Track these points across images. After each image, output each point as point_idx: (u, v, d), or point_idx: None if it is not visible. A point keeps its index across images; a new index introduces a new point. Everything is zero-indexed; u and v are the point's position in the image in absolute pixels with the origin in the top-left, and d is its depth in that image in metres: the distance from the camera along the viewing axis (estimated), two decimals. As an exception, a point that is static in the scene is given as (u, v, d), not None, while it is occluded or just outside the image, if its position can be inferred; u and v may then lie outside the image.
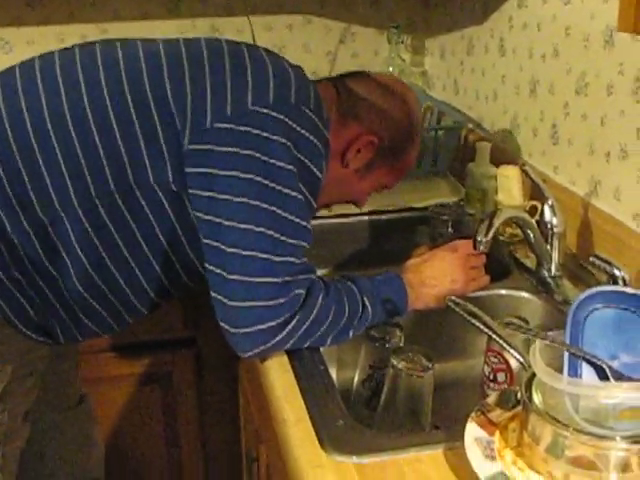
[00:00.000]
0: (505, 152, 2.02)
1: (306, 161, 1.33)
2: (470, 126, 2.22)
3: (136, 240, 1.36)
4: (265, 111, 1.31)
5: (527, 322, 1.38)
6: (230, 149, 1.29)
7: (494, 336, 1.20)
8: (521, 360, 1.13)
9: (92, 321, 1.44)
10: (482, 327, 1.21)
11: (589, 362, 1.02)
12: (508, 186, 1.78)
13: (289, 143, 1.30)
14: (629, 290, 1.04)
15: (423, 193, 2.08)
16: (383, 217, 2.01)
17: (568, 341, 1.03)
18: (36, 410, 1.56)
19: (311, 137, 1.34)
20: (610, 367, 1.01)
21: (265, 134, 1.29)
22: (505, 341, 1.18)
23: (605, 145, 1.63)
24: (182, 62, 1.36)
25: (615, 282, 1.41)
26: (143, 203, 1.33)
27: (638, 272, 1.48)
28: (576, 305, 1.04)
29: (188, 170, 1.31)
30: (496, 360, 1.37)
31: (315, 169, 1.35)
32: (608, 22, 1.58)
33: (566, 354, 1.02)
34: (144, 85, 1.33)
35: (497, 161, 1.91)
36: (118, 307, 1.43)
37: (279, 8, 2.47)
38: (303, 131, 1.33)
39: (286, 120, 1.31)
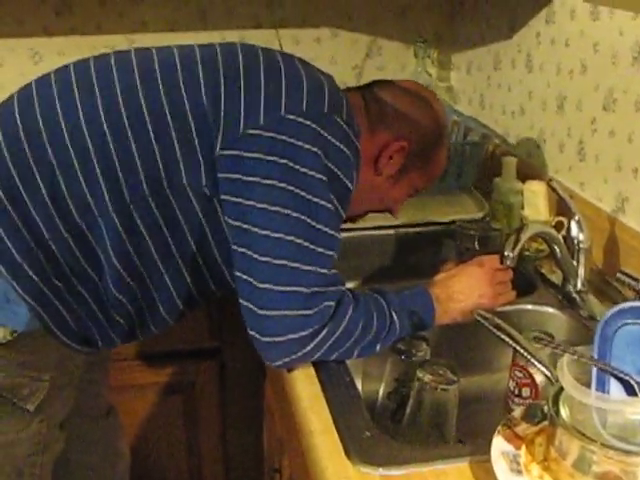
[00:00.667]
0: (531, 167, 2.03)
1: (337, 171, 1.34)
2: (496, 141, 2.23)
3: (167, 244, 1.37)
4: (298, 119, 1.32)
5: (552, 337, 1.38)
6: (262, 156, 1.29)
7: (521, 350, 1.21)
8: (548, 374, 1.14)
9: (127, 322, 1.45)
10: (509, 341, 1.22)
11: (617, 378, 1.03)
12: (534, 201, 1.79)
13: (320, 152, 1.31)
14: (658, 306, 1.05)
15: (447, 208, 2.09)
16: (410, 230, 2.02)
17: (596, 356, 1.04)
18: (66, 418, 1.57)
19: (342, 147, 1.35)
20: (638, 383, 1.02)
21: (297, 142, 1.30)
22: (532, 355, 1.18)
23: (633, 161, 1.63)
24: (217, 67, 1.37)
25: (642, 299, 1.42)
26: (175, 207, 1.35)
27: (665, 289, 1.49)
28: (605, 320, 1.04)
29: (220, 175, 1.32)
30: (521, 375, 1.37)
31: (345, 179, 1.35)
32: (637, 38, 1.59)
33: (594, 369, 1.03)
34: (180, 89, 1.35)
35: (523, 176, 1.92)
36: (145, 312, 1.44)
37: (306, 21, 2.49)
38: (335, 140, 1.34)
39: (318, 129, 1.32)
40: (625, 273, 1.46)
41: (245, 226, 1.30)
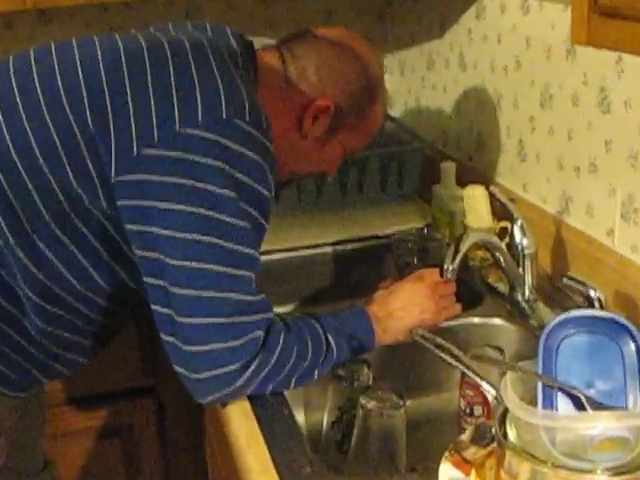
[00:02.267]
0: (472, 171, 2.03)
1: (247, 180, 1.27)
2: (435, 145, 2.23)
3: (84, 270, 1.34)
4: (195, 132, 1.25)
5: (502, 351, 1.38)
6: (162, 178, 1.24)
7: (465, 370, 1.20)
8: (494, 393, 1.13)
9: (70, 351, 1.42)
10: (452, 361, 1.21)
11: (564, 392, 1.02)
12: (476, 207, 1.78)
13: (225, 165, 1.25)
14: (602, 313, 1.04)
15: (391, 218, 2.07)
16: (348, 247, 2.00)
17: (541, 371, 1.03)
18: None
19: (249, 152, 1.27)
20: (586, 396, 1.01)
21: (198, 159, 1.24)
22: (477, 374, 1.18)
23: (574, 159, 1.64)
24: (100, 77, 1.30)
25: (591, 303, 1.42)
26: (84, 230, 1.31)
27: (615, 291, 1.49)
28: (547, 332, 1.03)
29: (120, 203, 1.27)
30: (472, 393, 1.36)
31: (259, 186, 1.29)
32: (569, 31, 1.60)
33: (539, 385, 1.02)
34: (62, 104, 1.29)
35: (465, 181, 1.91)
36: (83, 332, 1.42)
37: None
38: (239, 147, 1.27)
39: (219, 139, 1.25)
40: (572, 278, 1.46)
41: (153, 255, 1.26)
